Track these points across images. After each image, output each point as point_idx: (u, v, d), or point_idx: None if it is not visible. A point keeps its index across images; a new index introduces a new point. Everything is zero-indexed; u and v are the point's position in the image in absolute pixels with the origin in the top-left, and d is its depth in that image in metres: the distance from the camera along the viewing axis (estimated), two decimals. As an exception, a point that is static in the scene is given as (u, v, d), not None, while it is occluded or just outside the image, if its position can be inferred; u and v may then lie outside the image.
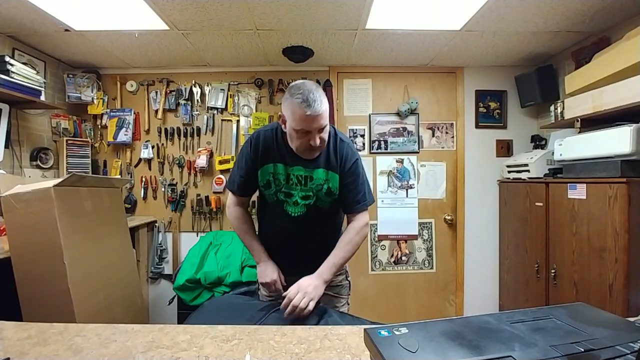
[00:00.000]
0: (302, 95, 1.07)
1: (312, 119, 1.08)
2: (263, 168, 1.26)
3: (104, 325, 0.79)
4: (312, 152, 1.18)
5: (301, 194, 1.26)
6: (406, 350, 0.48)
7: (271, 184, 1.27)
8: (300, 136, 1.13)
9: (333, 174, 1.25)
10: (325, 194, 1.26)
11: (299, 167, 1.24)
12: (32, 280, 1.34)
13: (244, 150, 1.29)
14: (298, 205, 1.27)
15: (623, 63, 1.72)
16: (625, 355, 0.48)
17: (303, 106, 1.06)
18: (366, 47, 2.45)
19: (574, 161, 1.99)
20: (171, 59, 2.63)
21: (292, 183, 1.25)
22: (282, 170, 1.25)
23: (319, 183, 1.24)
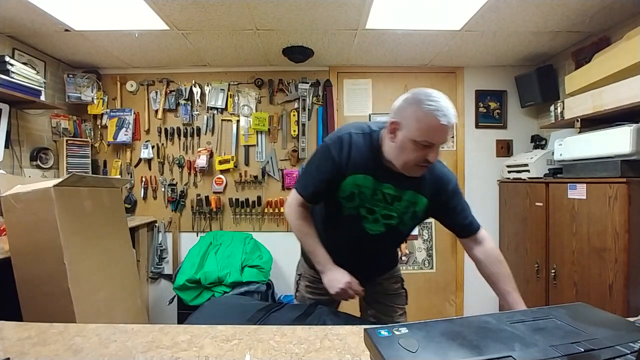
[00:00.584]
0: (436, 104, 0.93)
1: (443, 131, 0.95)
2: (351, 178, 1.09)
3: (104, 325, 0.79)
4: (421, 170, 1.03)
5: (384, 212, 1.13)
6: (406, 350, 0.48)
7: (355, 197, 1.11)
8: (418, 149, 0.97)
9: (422, 198, 1.12)
10: (410, 218, 1.15)
11: (390, 185, 1.09)
12: (32, 280, 1.34)
13: (330, 152, 1.08)
14: (378, 223, 1.15)
15: (623, 63, 1.72)
16: (625, 355, 0.48)
17: (438, 114, 0.92)
18: (366, 47, 2.45)
19: (574, 161, 1.99)
20: (171, 59, 2.63)
21: (377, 200, 1.11)
22: (370, 184, 1.09)
23: (406, 205, 1.12)
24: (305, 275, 1.36)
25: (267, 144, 2.81)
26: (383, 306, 1.30)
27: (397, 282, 1.37)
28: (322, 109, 2.78)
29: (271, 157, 2.79)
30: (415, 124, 0.96)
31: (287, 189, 2.79)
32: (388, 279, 1.35)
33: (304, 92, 2.74)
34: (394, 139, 1.02)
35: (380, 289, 1.33)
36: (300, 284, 1.38)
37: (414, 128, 0.96)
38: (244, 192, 2.81)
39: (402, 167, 1.03)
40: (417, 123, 0.95)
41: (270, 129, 2.79)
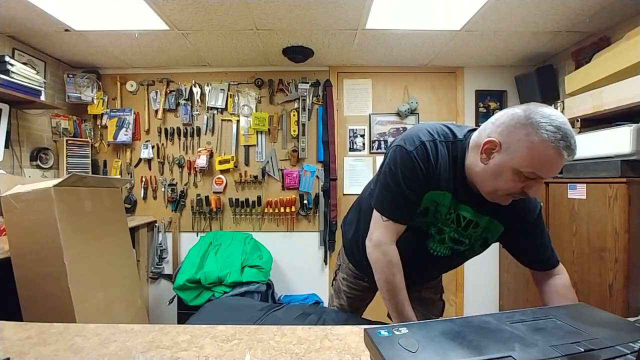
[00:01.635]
0: (558, 130, 0.73)
1: (559, 165, 0.77)
2: (432, 193, 0.93)
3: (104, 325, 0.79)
4: (509, 200, 0.88)
5: (454, 235, 0.99)
6: (406, 350, 0.48)
7: (429, 213, 0.96)
8: (519, 180, 0.80)
9: (497, 224, 0.98)
10: (481, 245, 1.03)
11: (467, 208, 0.95)
12: (32, 280, 1.34)
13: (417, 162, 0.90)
14: (444, 245, 1.01)
15: (623, 63, 1.72)
16: (625, 355, 0.48)
17: (560, 146, 0.73)
18: (366, 47, 2.45)
19: (574, 161, 1.98)
20: (171, 59, 2.63)
21: (450, 220, 0.97)
22: (448, 203, 0.94)
23: (479, 232, 0.98)
24: (344, 267, 1.30)
25: (267, 144, 2.81)
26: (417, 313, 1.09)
27: (437, 293, 1.29)
28: (322, 109, 2.78)
29: (271, 157, 2.79)
30: (525, 152, 0.77)
31: (287, 188, 2.79)
32: (429, 288, 1.27)
33: (304, 92, 2.74)
34: (487, 161, 0.84)
35: (418, 296, 1.20)
36: (338, 274, 1.33)
37: (522, 157, 0.77)
38: (244, 192, 2.81)
39: (487, 193, 0.88)
40: (530, 151, 0.76)
41: (270, 129, 2.80)
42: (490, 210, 0.95)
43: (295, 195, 2.78)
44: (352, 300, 1.29)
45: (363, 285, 1.26)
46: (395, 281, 0.93)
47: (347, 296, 1.29)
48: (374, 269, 0.97)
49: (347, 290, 1.29)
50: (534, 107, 0.79)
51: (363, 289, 1.25)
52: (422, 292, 1.25)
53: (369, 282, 1.22)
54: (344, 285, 1.30)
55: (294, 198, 2.77)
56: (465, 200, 0.94)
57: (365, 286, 1.26)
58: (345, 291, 1.29)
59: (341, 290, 1.30)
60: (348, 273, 1.29)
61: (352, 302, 1.29)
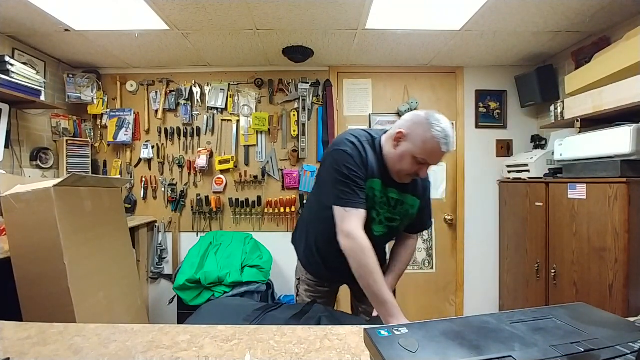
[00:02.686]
0: (443, 132, 1.05)
1: (440, 156, 1.10)
2: (369, 181, 1.16)
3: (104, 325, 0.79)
4: (408, 179, 1.18)
5: (387, 215, 1.22)
6: (406, 350, 0.48)
7: (369, 199, 1.16)
8: (414, 163, 1.11)
9: (416, 200, 1.26)
10: (408, 219, 1.27)
11: (394, 190, 1.21)
12: (32, 280, 1.34)
13: (353, 158, 1.12)
14: (382, 224, 1.23)
15: (623, 63, 1.72)
16: (625, 355, 0.48)
17: (442, 142, 1.06)
18: (366, 47, 2.45)
19: (574, 161, 1.99)
20: (171, 59, 2.63)
21: (383, 203, 1.20)
22: (379, 187, 1.18)
23: (407, 208, 1.24)
24: (304, 279, 1.41)
25: (267, 144, 2.81)
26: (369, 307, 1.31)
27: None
28: (322, 109, 2.78)
29: (271, 157, 2.79)
30: (420, 143, 1.08)
31: (287, 188, 2.79)
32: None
33: (304, 92, 2.74)
34: (397, 147, 1.14)
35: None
36: (300, 288, 1.43)
37: (417, 146, 1.09)
38: (244, 192, 2.81)
39: (395, 173, 1.17)
40: (423, 143, 1.08)
41: (270, 129, 2.80)
42: (410, 190, 1.23)
43: (295, 195, 2.78)
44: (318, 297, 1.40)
45: (324, 291, 1.40)
46: (370, 265, 1.05)
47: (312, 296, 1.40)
48: (349, 257, 1.08)
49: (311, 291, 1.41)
50: (431, 113, 1.10)
51: (324, 294, 1.40)
52: None
53: (329, 285, 1.40)
54: (307, 297, 1.40)
55: (294, 198, 2.77)
56: (391, 184, 1.20)
57: (325, 291, 1.40)
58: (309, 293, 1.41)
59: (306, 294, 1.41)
60: (309, 284, 1.40)
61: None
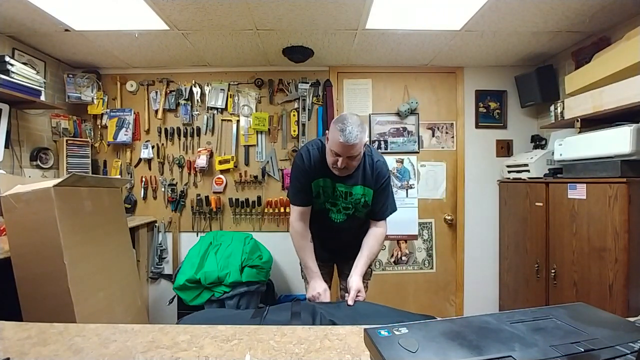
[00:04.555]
0: (341, 125, 1.28)
1: (342, 146, 1.29)
2: (315, 182, 1.48)
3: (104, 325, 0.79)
4: (338, 171, 1.39)
5: (343, 204, 1.51)
6: (406, 350, 0.48)
7: (321, 195, 1.50)
8: (332, 155, 1.36)
9: (369, 190, 1.48)
10: (362, 207, 1.50)
11: (341, 184, 1.47)
12: (32, 280, 1.34)
13: (299, 166, 1.49)
14: (340, 213, 1.53)
15: (623, 63, 1.72)
16: (625, 355, 0.48)
17: (340, 134, 1.27)
18: (366, 47, 2.45)
19: (574, 161, 1.99)
20: (171, 59, 2.63)
21: (337, 195, 1.49)
22: (329, 184, 1.48)
23: (357, 198, 1.48)
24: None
25: (267, 144, 2.81)
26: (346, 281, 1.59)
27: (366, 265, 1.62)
28: (322, 109, 2.78)
29: (271, 157, 2.79)
30: (331, 137, 1.34)
31: (287, 188, 2.78)
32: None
33: (304, 92, 2.74)
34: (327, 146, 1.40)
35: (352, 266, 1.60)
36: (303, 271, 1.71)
37: (330, 140, 1.35)
38: (244, 192, 2.81)
39: (330, 167, 1.41)
40: (332, 138, 1.33)
41: (270, 129, 2.80)
42: (357, 182, 1.47)
43: (295, 195, 2.78)
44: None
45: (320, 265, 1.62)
46: (301, 244, 1.51)
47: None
48: (291, 238, 1.54)
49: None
50: (343, 113, 1.36)
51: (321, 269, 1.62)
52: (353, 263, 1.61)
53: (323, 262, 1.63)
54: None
55: (294, 198, 2.77)
56: (339, 180, 1.46)
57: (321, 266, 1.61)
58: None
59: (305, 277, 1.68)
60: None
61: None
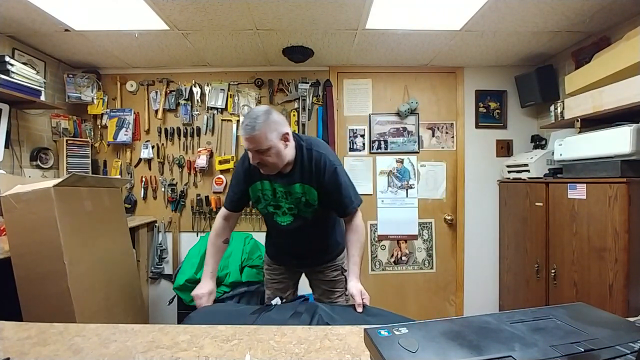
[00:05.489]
0: (243, 119, 1.25)
1: (246, 140, 1.23)
2: (253, 186, 1.41)
3: (104, 325, 0.79)
4: (261, 168, 1.31)
5: (287, 205, 1.40)
6: (406, 350, 0.48)
7: (260, 199, 1.42)
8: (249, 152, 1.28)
9: (309, 188, 1.35)
10: (304, 206, 1.38)
11: (279, 184, 1.37)
12: (32, 280, 1.34)
13: (236, 170, 1.46)
14: (286, 215, 1.42)
15: (623, 63, 1.72)
16: (625, 355, 0.48)
17: (243, 129, 1.23)
18: (366, 47, 2.45)
19: (574, 161, 1.99)
20: (171, 59, 2.63)
21: (279, 197, 1.39)
22: (268, 187, 1.39)
23: (297, 197, 1.36)
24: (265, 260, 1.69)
25: (267, 144, 2.81)
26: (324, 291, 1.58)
27: (337, 270, 1.57)
28: (322, 109, 2.78)
29: (271, 157, 2.79)
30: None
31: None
32: (329, 267, 1.58)
33: (304, 92, 2.74)
34: None
35: (322, 276, 1.58)
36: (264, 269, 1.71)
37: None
38: (244, 192, 2.81)
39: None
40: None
41: (270, 129, 2.79)
42: (295, 180, 1.34)
43: (295, 195, 2.78)
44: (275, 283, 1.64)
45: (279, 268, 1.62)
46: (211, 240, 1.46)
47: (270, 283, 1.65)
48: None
49: (269, 278, 1.65)
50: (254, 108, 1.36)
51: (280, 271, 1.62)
52: (324, 271, 1.57)
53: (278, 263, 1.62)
54: (267, 274, 1.66)
55: (294, 198, 2.77)
56: (276, 180, 1.36)
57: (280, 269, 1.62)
58: (268, 279, 1.66)
59: (267, 280, 1.67)
60: (268, 263, 1.66)
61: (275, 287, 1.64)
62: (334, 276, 1.57)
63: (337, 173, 1.33)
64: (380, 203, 2.85)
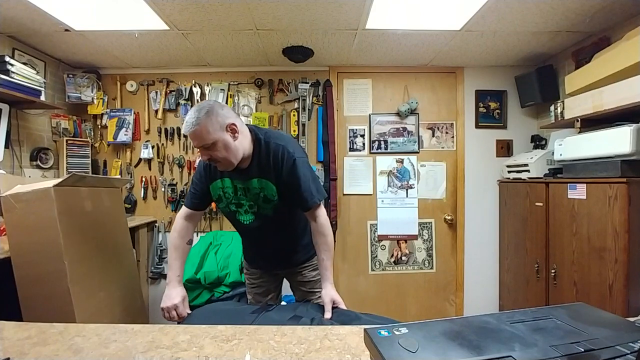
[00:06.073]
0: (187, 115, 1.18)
1: (190, 138, 1.18)
2: (213, 184, 1.35)
3: (104, 325, 0.79)
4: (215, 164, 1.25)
5: (248, 203, 1.34)
6: (406, 350, 0.48)
7: (222, 197, 1.36)
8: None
9: (267, 182, 1.28)
10: (263, 202, 1.31)
11: (237, 180, 1.31)
12: (32, 280, 1.34)
13: (198, 168, 1.39)
14: (248, 213, 1.36)
15: (623, 63, 1.72)
16: (625, 355, 0.48)
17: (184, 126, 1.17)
18: (366, 47, 2.45)
19: (574, 161, 1.99)
20: (171, 59, 2.63)
21: (240, 194, 1.33)
22: (229, 184, 1.33)
23: (255, 192, 1.30)
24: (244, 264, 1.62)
25: (267, 144, 2.81)
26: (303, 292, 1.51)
27: (315, 270, 1.49)
28: (322, 109, 2.78)
29: (271, 157, 2.79)
30: None
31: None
32: (306, 267, 1.50)
33: (304, 92, 2.74)
34: None
35: (300, 277, 1.51)
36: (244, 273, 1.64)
37: None
38: (244, 192, 2.80)
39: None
40: None
41: (270, 129, 2.79)
42: (252, 175, 1.28)
43: (295, 195, 2.78)
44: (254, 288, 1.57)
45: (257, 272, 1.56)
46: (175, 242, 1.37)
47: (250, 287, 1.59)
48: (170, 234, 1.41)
49: (249, 282, 1.59)
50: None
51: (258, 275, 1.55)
52: (303, 272, 1.50)
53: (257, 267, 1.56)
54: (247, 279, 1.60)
55: (294, 198, 2.77)
56: (235, 177, 1.30)
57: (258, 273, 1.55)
58: (248, 284, 1.60)
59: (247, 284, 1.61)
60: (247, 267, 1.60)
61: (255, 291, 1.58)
62: (312, 276, 1.50)
63: (296, 165, 1.24)
64: (380, 203, 2.85)
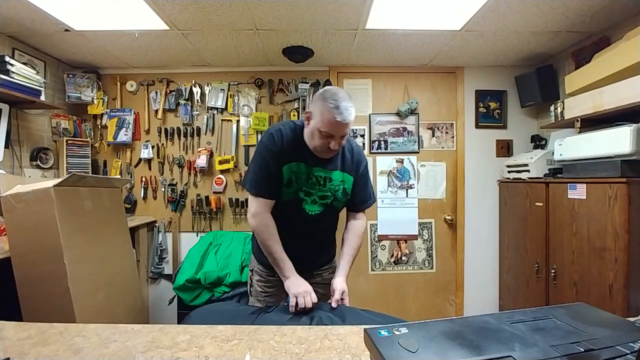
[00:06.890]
0: (335, 102, 1.13)
1: (339, 126, 1.15)
2: (287, 166, 1.25)
3: (104, 325, 0.79)
4: (328, 153, 1.24)
5: (319, 193, 1.30)
6: (406, 350, 0.48)
7: (293, 182, 1.26)
8: (322, 137, 1.19)
9: (348, 176, 1.33)
10: (342, 195, 1.33)
11: (319, 168, 1.28)
12: (32, 280, 1.34)
13: (269, 149, 1.24)
14: (316, 204, 1.31)
15: (623, 63, 1.72)
16: (625, 355, 0.48)
17: (335, 112, 1.13)
18: (366, 47, 2.45)
19: (574, 161, 1.99)
20: (171, 59, 2.63)
21: (312, 183, 1.28)
22: (304, 170, 1.27)
23: (336, 184, 1.31)
24: (256, 270, 1.46)
25: (267, 144, 2.81)
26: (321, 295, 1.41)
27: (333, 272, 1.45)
28: (322, 109, 2.78)
29: (271, 157, 2.79)
30: (319, 117, 1.16)
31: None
32: (326, 269, 1.49)
33: (304, 92, 2.74)
34: (308, 126, 1.24)
35: (320, 280, 1.46)
36: (253, 279, 1.47)
37: (318, 120, 1.17)
38: (244, 192, 2.80)
39: (313, 150, 1.24)
40: (321, 117, 1.16)
41: (270, 129, 2.79)
42: (337, 166, 1.30)
43: (295, 195, 2.78)
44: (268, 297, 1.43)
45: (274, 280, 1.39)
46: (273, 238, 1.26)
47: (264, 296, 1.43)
48: (256, 233, 1.29)
49: (261, 291, 1.44)
50: (329, 89, 1.20)
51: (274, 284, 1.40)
52: (322, 274, 1.46)
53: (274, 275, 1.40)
54: (259, 286, 1.44)
55: (294, 198, 2.77)
56: (315, 164, 1.27)
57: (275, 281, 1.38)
58: (261, 292, 1.44)
59: (259, 292, 1.44)
60: (260, 274, 1.45)
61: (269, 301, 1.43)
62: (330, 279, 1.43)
63: (367, 167, 1.40)
64: (380, 203, 2.85)
